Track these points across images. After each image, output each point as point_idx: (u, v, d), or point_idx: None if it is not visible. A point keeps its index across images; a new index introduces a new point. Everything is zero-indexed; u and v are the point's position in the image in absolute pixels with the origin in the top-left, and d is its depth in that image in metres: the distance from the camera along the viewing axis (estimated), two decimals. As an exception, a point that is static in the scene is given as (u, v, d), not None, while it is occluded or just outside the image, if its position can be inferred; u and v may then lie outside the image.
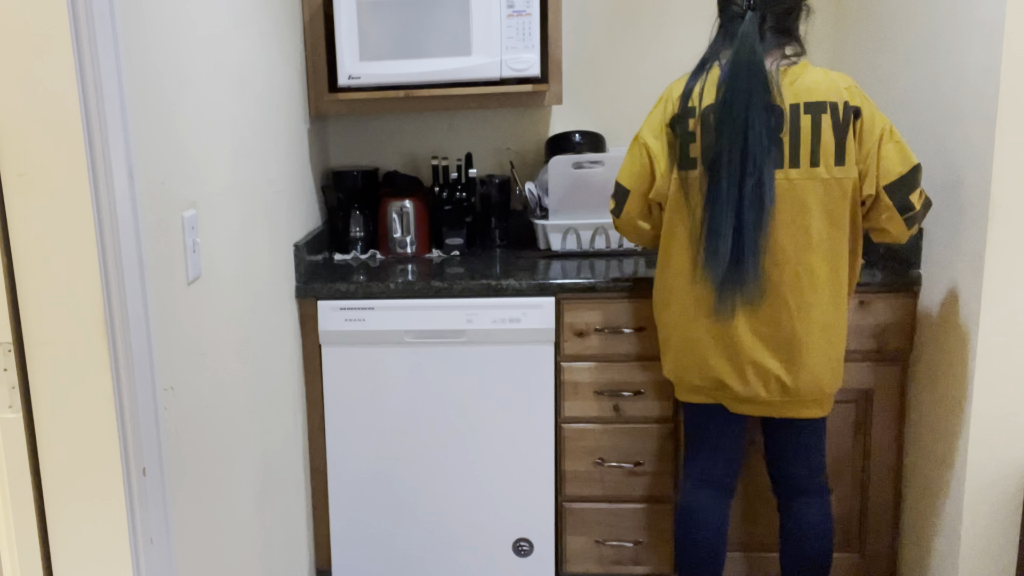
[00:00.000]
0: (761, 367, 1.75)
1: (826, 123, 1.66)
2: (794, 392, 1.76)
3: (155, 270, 1.32)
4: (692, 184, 1.74)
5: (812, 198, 1.69)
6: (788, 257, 1.71)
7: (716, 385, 1.81)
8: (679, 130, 1.74)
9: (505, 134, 2.69)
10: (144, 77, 1.30)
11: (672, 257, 1.82)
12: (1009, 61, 1.70)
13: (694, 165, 1.73)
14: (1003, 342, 1.80)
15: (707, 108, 1.71)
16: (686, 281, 1.79)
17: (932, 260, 2.01)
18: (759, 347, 1.75)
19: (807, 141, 1.67)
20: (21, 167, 1.14)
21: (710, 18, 2.55)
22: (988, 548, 1.89)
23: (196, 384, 1.49)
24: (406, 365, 2.20)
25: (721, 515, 1.93)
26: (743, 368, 1.77)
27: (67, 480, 1.22)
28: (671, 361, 1.88)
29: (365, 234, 2.54)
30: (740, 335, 1.75)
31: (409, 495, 2.27)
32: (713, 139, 1.69)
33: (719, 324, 1.76)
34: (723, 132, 1.66)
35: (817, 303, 1.72)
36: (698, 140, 1.72)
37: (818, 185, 1.68)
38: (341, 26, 2.26)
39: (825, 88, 1.68)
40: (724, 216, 1.68)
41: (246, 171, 1.81)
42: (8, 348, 1.18)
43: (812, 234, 1.70)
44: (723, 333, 1.77)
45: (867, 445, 2.16)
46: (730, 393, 1.80)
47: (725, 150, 1.66)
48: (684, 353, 1.84)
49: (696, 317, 1.79)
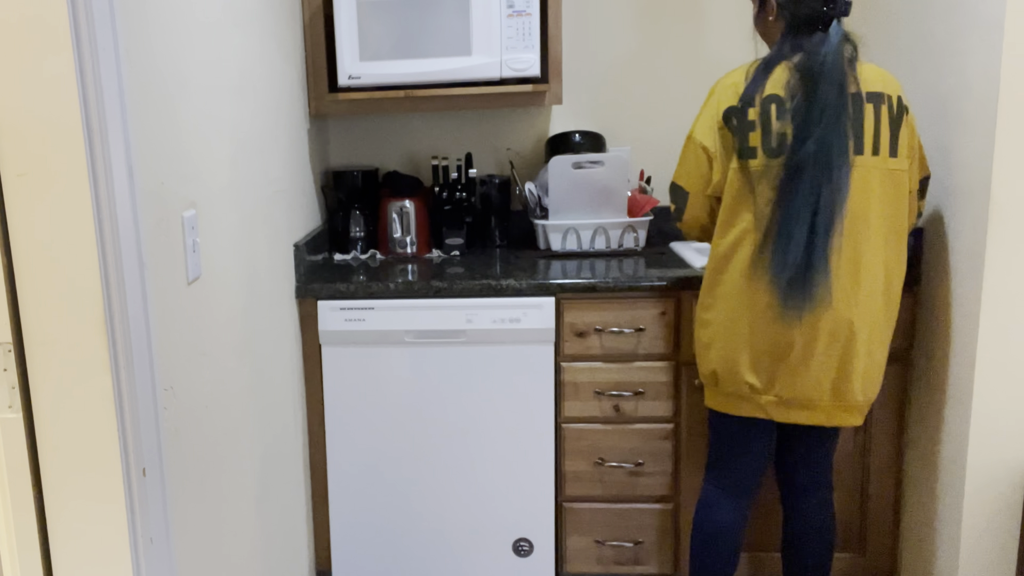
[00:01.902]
0: (817, 372, 1.71)
1: (884, 114, 1.67)
2: (844, 398, 1.73)
3: (155, 270, 1.32)
4: (757, 174, 1.68)
5: (875, 188, 1.67)
6: (849, 255, 1.67)
7: (764, 390, 1.74)
8: (736, 120, 1.70)
9: (505, 134, 2.69)
10: (144, 77, 1.30)
11: (733, 251, 1.73)
12: (1009, 61, 1.70)
13: (754, 154, 1.69)
14: (1003, 342, 1.80)
15: (769, 97, 1.67)
16: (746, 277, 1.72)
17: (932, 260, 2.01)
18: (817, 351, 1.70)
19: (870, 130, 1.66)
20: (21, 167, 1.14)
21: (710, 18, 2.56)
22: (988, 548, 1.89)
23: (196, 384, 1.48)
24: (406, 365, 2.20)
25: (743, 524, 1.90)
26: (797, 373, 1.71)
27: (67, 480, 1.22)
28: (717, 362, 1.79)
29: (365, 234, 2.54)
30: (798, 338, 1.69)
31: (409, 495, 2.27)
32: (793, 129, 1.64)
33: (778, 325, 1.70)
34: (811, 123, 1.62)
35: (871, 306, 1.69)
36: (759, 129, 1.68)
37: (882, 175, 1.67)
38: (341, 26, 2.26)
39: (882, 80, 1.69)
40: (800, 213, 1.63)
41: (246, 171, 1.81)
42: (8, 348, 1.18)
43: (872, 227, 1.67)
44: (781, 335, 1.70)
45: (867, 445, 2.16)
46: (779, 400, 1.74)
47: (814, 140, 1.62)
48: (734, 354, 1.75)
49: (758, 316, 1.71)
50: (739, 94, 1.71)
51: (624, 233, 2.43)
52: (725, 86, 1.75)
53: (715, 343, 1.79)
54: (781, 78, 1.68)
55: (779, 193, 1.66)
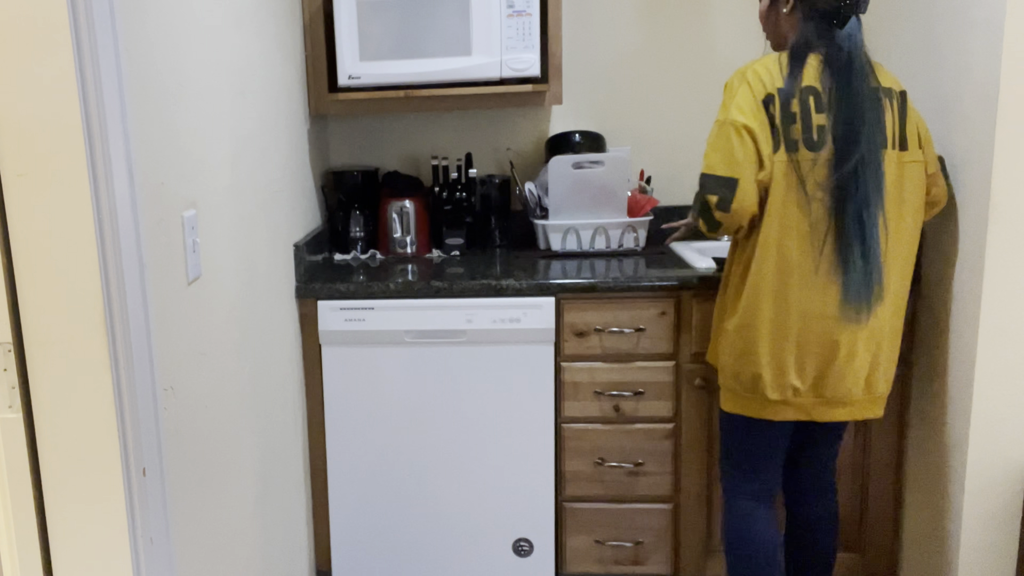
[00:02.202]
0: (858, 369, 1.70)
1: (896, 109, 1.68)
2: (874, 390, 1.72)
3: (155, 270, 1.32)
4: (806, 169, 1.64)
5: (904, 182, 1.68)
6: (891, 252, 1.67)
7: (807, 392, 1.71)
8: (778, 111, 1.64)
9: (505, 134, 2.69)
10: (144, 77, 1.30)
11: (783, 249, 1.67)
12: (1009, 61, 1.70)
13: (796, 147, 1.64)
14: (1003, 342, 1.80)
15: (807, 88, 1.64)
16: (800, 276, 1.67)
17: (932, 260, 2.01)
18: (860, 349, 1.69)
19: (890, 125, 1.67)
20: (21, 167, 1.14)
21: (710, 18, 2.56)
22: (988, 548, 1.89)
23: (196, 384, 1.48)
24: (406, 365, 2.20)
25: (776, 526, 1.87)
26: (843, 373, 1.69)
27: (67, 480, 1.22)
28: (764, 367, 1.72)
29: (365, 234, 2.54)
30: (846, 337, 1.68)
31: (409, 495, 2.27)
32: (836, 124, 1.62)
33: (832, 326, 1.67)
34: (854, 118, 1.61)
35: (893, 297, 1.70)
36: (798, 122, 1.63)
37: (906, 169, 1.68)
38: (341, 26, 2.26)
39: (890, 76, 1.71)
40: (857, 212, 1.61)
41: (246, 171, 1.81)
42: (8, 348, 1.18)
43: (903, 222, 1.68)
44: (832, 335, 1.68)
45: (867, 445, 2.16)
46: (823, 400, 1.72)
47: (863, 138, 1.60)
48: (783, 356, 1.70)
49: (810, 317, 1.67)
50: (775, 83, 1.65)
51: (624, 233, 2.43)
52: (757, 72, 1.67)
53: (759, 347, 1.71)
54: (814, 70, 1.65)
55: (833, 192, 1.62)
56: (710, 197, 1.68)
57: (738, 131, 1.65)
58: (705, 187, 1.70)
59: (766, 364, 1.72)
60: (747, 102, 1.66)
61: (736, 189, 1.66)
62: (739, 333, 1.74)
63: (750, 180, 1.66)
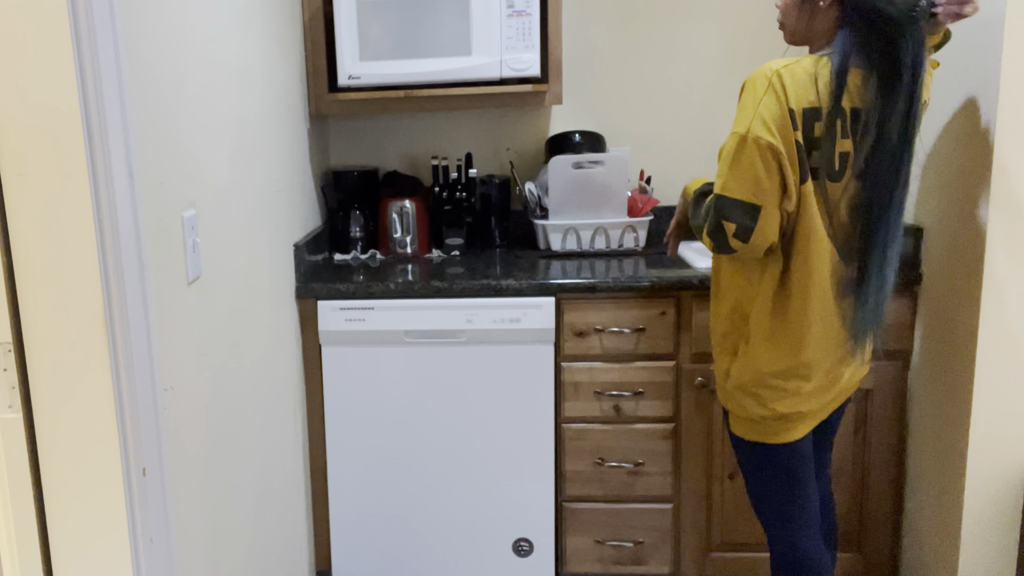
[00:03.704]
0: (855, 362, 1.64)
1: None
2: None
3: (155, 270, 1.32)
4: (835, 198, 1.50)
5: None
6: None
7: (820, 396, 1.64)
8: (818, 128, 1.47)
9: (505, 134, 2.69)
10: (144, 77, 1.30)
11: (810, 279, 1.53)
12: (1009, 61, 1.70)
13: (817, 175, 1.49)
14: (1003, 342, 1.80)
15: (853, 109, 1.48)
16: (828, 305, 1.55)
17: (932, 260, 2.01)
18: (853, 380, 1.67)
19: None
20: (21, 167, 1.14)
21: (709, 18, 2.56)
22: (988, 548, 1.89)
23: (196, 384, 1.49)
24: (406, 365, 2.20)
25: None
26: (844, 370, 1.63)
27: (67, 480, 1.22)
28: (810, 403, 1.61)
29: (365, 234, 2.54)
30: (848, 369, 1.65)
31: (409, 495, 2.27)
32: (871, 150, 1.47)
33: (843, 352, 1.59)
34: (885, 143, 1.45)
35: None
36: (822, 148, 1.47)
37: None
38: (341, 26, 2.26)
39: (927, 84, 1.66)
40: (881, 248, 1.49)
41: (246, 171, 1.81)
42: (8, 348, 1.18)
43: None
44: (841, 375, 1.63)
45: (867, 445, 2.16)
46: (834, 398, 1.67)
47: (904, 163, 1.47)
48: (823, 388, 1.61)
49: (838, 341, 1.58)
50: (807, 95, 1.46)
51: (624, 233, 2.43)
52: (784, 78, 1.46)
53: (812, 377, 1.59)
54: (856, 86, 1.46)
55: (861, 225, 1.50)
56: (727, 224, 1.50)
57: (761, 152, 1.46)
58: (722, 211, 1.51)
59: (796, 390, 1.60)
60: (773, 115, 1.45)
61: (758, 218, 1.48)
62: (783, 377, 1.59)
63: (773, 208, 1.48)
